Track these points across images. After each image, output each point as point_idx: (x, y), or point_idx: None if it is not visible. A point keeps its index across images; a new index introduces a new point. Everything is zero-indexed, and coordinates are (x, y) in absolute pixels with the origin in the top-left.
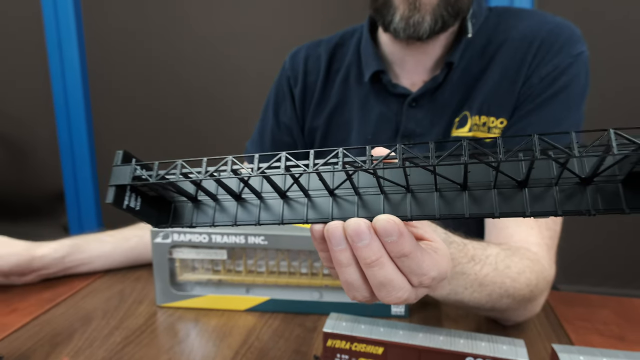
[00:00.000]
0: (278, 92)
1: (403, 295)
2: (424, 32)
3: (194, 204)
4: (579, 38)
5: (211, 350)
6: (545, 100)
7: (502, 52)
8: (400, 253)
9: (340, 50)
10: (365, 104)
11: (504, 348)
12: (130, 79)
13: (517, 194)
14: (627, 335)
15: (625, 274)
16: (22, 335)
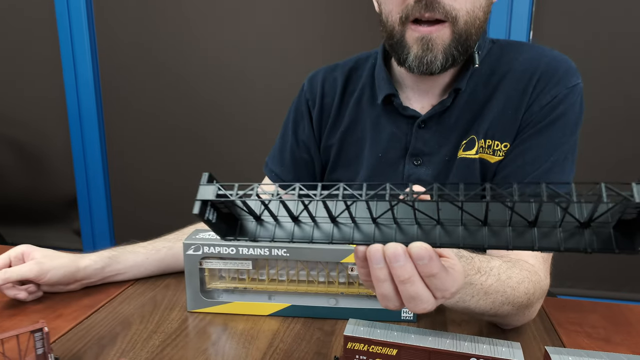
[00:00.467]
0: (297, 112)
1: (428, 307)
2: (436, 69)
3: (257, 221)
4: (575, 71)
5: (242, 352)
6: (544, 127)
7: (505, 82)
8: (429, 273)
9: (355, 74)
10: (377, 123)
11: (502, 350)
12: (140, 89)
13: (527, 231)
14: (613, 337)
15: (618, 278)
16: (71, 338)
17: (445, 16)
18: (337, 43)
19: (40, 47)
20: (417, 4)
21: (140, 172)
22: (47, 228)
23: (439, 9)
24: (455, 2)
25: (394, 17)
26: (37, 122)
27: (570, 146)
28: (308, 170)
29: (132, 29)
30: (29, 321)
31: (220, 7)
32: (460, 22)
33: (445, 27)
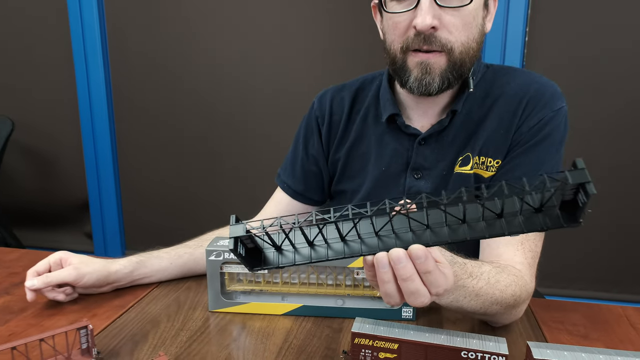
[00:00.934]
0: (307, 128)
1: (425, 300)
2: (433, 90)
3: (277, 251)
4: (560, 96)
5: (260, 347)
6: (532, 146)
7: (498, 104)
8: (425, 270)
9: (361, 94)
10: (381, 140)
11: (490, 344)
12: (150, 96)
13: (497, 221)
14: (591, 334)
15: (603, 280)
16: (108, 334)
17: (441, 48)
18: (342, 53)
19: (53, 53)
20: (417, 37)
21: (150, 177)
22: (60, 231)
23: (435, 42)
24: (450, 35)
25: (396, 46)
26: (50, 128)
27: (556, 162)
28: (317, 181)
29: (143, 37)
30: (67, 320)
31: (229, 16)
32: (455, 52)
33: (442, 56)
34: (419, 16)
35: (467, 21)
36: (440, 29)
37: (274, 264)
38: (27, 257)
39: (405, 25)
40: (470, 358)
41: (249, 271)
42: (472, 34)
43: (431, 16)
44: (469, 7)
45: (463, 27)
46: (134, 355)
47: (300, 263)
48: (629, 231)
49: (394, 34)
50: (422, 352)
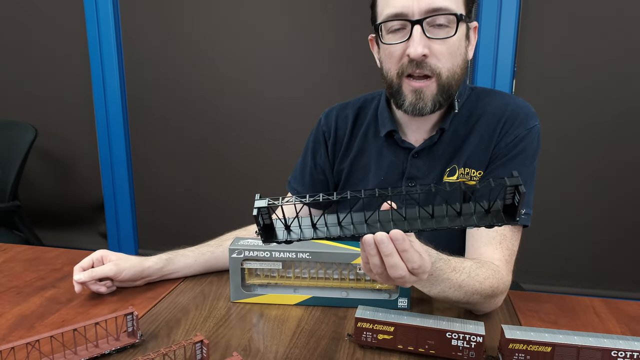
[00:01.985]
0: (315, 141)
1: (402, 273)
2: (426, 113)
3: (287, 230)
4: (533, 115)
5: (277, 331)
6: (508, 159)
7: (480, 123)
8: (402, 249)
9: (363, 112)
10: (380, 153)
11: (470, 326)
12: (163, 101)
13: (457, 218)
14: (560, 320)
15: (577, 276)
16: (146, 321)
17: (431, 72)
18: (347, 59)
19: (72, 63)
20: (410, 63)
21: (163, 179)
22: (76, 231)
23: (426, 67)
24: (438, 62)
25: (393, 72)
26: (68, 133)
27: (530, 173)
28: (324, 188)
29: (156, 46)
30: (109, 309)
31: (238, 26)
32: (443, 77)
33: (432, 81)
34: (411, 46)
35: (452, 50)
36: (430, 57)
37: (282, 239)
38: (65, 255)
39: (400, 54)
40: (454, 338)
41: (262, 243)
42: (457, 61)
43: (422, 46)
44: (453, 38)
45: (449, 55)
46: (171, 337)
47: (304, 239)
48: (607, 231)
49: (390, 62)
50: (413, 334)
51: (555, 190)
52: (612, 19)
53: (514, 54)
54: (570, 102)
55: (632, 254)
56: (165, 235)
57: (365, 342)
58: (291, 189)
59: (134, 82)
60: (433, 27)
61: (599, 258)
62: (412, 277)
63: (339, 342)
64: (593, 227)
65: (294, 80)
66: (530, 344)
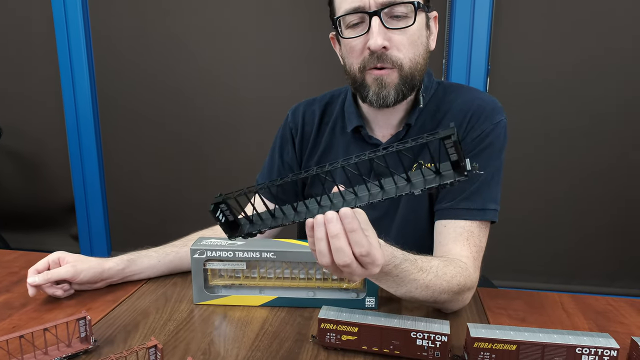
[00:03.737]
0: (282, 138)
1: (348, 260)
2: (390, 102)
3: (249, 223)
4: (499, 110)
5: (239, 334)
6: (475, 154)
7: (446, 118)
8: (351, 229)
9: (330, 107)
10: (347, 149)
11: (435, 325)
12: (136, 97)
13: (406, 185)
14: (528, 317)
15: (546, 272)
16: (102, 325)
17: (392, 64)
18: (326, 57)
19: (37, 56)
20: (371, 56)
21: (136, 178)
22: (47, 233)
23: (387, 60)
24: (399, 53)
25: (355, 67)
26: (36, 131)
27: (496, 168)
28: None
29: (128, 39)
30: (65, 314)
31: (215, 19)
32: (405, 68)
33: (394, 71)
34: (371, 38)
35: (413, 40)
36: (391, 48)
37: (246, 231)
38: (24, 258)
39: (361, 47)
40: (419, 337)
41: (228, 239)
42: (418, 50)
43: (382, 37)
44: (413, 27)
45: (410, 45)
46: (127, 342)
47: (265, 228)
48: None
49: (351, 57)
50: (378, 334)
51: (530, 188)
52: (588, 16)
53: (487, 52)
54: (545, 100)
55: (607, 250)
56: (140, 237)
57: (329, 343)
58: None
59: (105, 77)
60: (392, 18)
61: (574, 254)
62: (360, 269)
63: (302, 344)
64: (571, 223)
65: (273, 77)
66: (495, 342)
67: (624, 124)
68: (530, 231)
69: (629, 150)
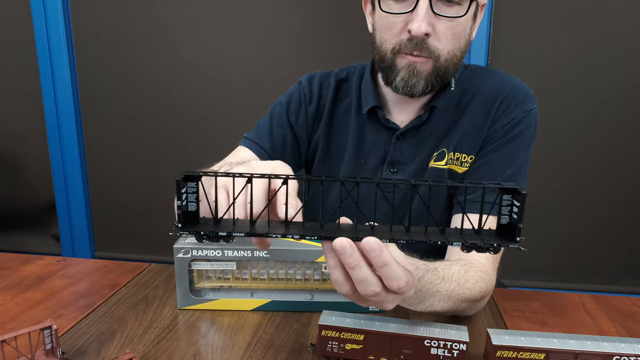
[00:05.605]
0: (292, 101)
1: (377, 288)
2: (417, 92)
3: (215, 222)
4: (531, 97)
5: (228, 343)
6: (503, 143)
7: (473, 103)
8: (382, 263)
9: (345, 84)
10: (361, 132)
11: (451, 332)
12: (119, 94)
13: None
14: (549, 320)
15: (563, 271)
16: (73, 335)
17: (429, 55)
18: (315, 52)
19: (16, 51)
20: (409, 41)
21: (119, 177)
22: (26, 234)
23: (424, 49)
24: (439, 43)
25: (387, 46)
26: (13, 127)
27: (524, 161)
28: (293, 157)
29: (110, 32)
30: (30, 322)
31: (200, 14)
32: (441, 60)
33: (429, 62)
34: (415, 21)
35: (457, 31)
36: (432, 36)
37: (203, 229)
38: None
39: (400, 27)
40: (433, 346)
41: (176, 231)
42: (459, 43)
43: (426, 23)
44: (462, 18)
45: (452, 37)
46: (101, 354)
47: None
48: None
49: (387, 34)
50: (387, 342)
51: (532, 183)
52: (584, 8)
53: (487, 48)
54: (545, 94)
55: (613, 247)
56: (124, 237)
57: (331, 352)
58: (256, 147)
59: (87, 72)
60: (441, 1)
61: (578, 251)
62: (392, 296)
63: (300, 354)
64: (572, 219)
65: (260, 71)
66: (521, 350)
67: None
68: (534, 226)
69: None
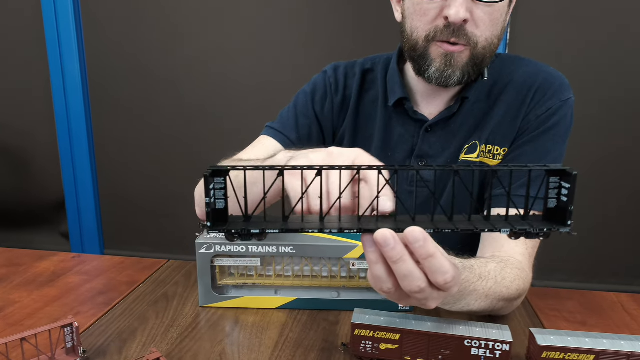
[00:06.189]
0: (317, 91)
1: (422, 284)
2: (452, 83)
3: (245, 220)
4: (567, 87)
5: (255, 342)
6: (538, 135)
7: (506, 93)
8: (426, 255)
9: (370, 74)
10: (388, 124)
11: (493, 332)
12: (129, 91)
13: (484, 222)
14: (588, 321)
15: (589, 271)
16: (93, 333)
17: (467, 42)
18: (324, 48)
19: (26, 47)
20: (446, 28)
21: (129, 174)
22: (35, 231)
23: (462, 36)
24: (477, 30)
25: (420, 33)
26: (23, 123)
27: (560, 153)
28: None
29: (120, 29)
30: (49, 320)
31: (208, 10)
32: (479, 47)
33: (467, 50)
34: (453, 7)
35: (495, 17)
36: (470, 23)
37: (234, 227)
38: (4, 255)
39: (435, 14)
40: (474, 346)
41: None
42: (497, 30)
43: (465, 9)
44: (500, 3)
45: (490, 23)
46: (123, 354)
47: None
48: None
49: (420, 21)
50: (424, 342)
51: None
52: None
53: (505, 44)
54: None
55: (631, 246)
56: (134, 234)
57: (365, 353)
58: (281, 137)
59: (97, 67)
60: None
61: (593, 250)
62: (437, 292)
63: (331, 354)
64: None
65: (270, 69)
66: (569, 351)
67: None
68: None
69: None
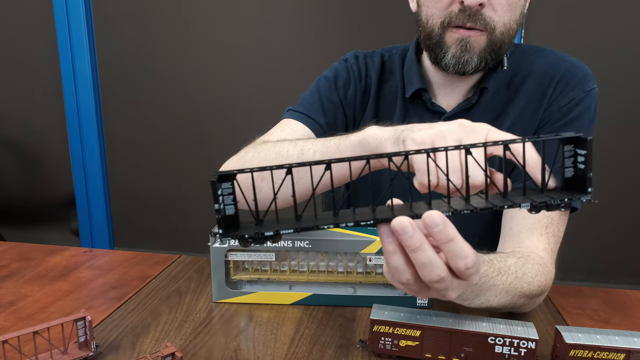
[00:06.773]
0: (337, 74)
1: (442, 272)
2: (469, 70)
3: (257, 224)
4: (591, 77)
5: (270, 338)
6: (561, 127)
7: (526, 84)
8: (447, 239)
9: (388, 65)
10: (406, 116)
11: (518, 329)
12: (139, 88)
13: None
14: (612, 319)
15: (609, 270)
16: (105, 327)
17: (484, 27)
18: (332, 46)
19: (38, 46)
20: (461, 13)
21: (138, 171)
22: (46, 228)
23: (479, 20)
24: (495, 14)
25: (435, 20)
26: (34, 121)
27: None
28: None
29: (131, 28)
30: (61, 314)
31: (218, 10)
32: (497, 32)
33: (484, 35)
34: None
35: (513, 1)
36: (487, 7)
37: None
38: (15, 249)
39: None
40: (498, 344)
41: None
42: (515, 14)
43: None
44: None
45: (508, 7)
46: (136, 348)
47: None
48: None
49: (434, 7)
50: (446, 339)
51: None
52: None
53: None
54: None
55: None
56: (144, 232)
57: (384, 350)
58: (308, 120)
59: (107, 66)
60: None
61: (609, 249)
62: (457, 281)
63: (349, 350)
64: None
65: (279, 68)
66: (598, 350)
67: None
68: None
69: None
